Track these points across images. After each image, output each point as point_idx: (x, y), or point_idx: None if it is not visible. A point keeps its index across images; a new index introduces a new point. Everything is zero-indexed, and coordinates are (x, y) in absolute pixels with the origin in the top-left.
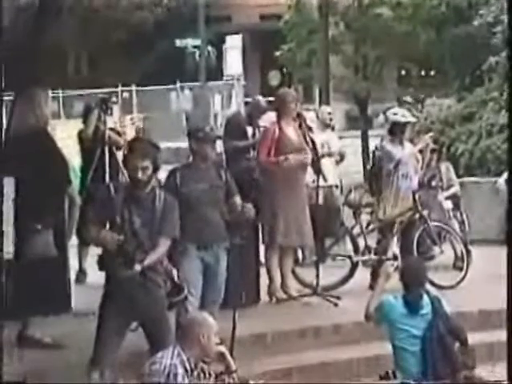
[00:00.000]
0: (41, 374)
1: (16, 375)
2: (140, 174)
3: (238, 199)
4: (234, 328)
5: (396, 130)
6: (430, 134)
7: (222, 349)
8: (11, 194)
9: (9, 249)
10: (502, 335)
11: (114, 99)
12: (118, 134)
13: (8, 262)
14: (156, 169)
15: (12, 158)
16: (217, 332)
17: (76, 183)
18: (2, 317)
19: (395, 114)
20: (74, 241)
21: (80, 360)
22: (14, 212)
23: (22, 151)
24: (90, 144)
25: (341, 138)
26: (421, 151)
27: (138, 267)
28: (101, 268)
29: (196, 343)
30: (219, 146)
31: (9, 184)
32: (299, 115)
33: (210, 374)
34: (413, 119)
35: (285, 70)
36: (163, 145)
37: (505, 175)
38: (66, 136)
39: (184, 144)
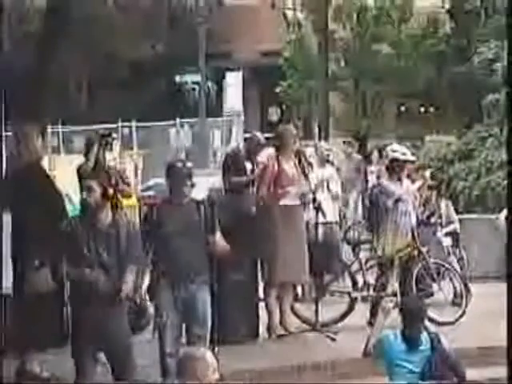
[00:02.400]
0: None
1: None
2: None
3: (214, 237)
4: None
5: (394, 167)
6: (428, 171)
7: None
8: (9, 229)
9: (7, 284)
10: (501, 371)
11: (114, 135)
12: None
13: (6, 297)
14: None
15: (7, 193)
16: (215, 367)
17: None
18: (3, 350)
19: (394, 150)
20: None
21: None
22: (12, 248)
23: (16, 187)
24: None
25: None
26: (419, 188)
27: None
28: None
29: (192, 379)
30: (219, 182)
31: (7, 219)
32: (299, 151)
33: None
34: (412, 158)
35: (284, 106)
36: (163, 180)
37: (504, 212)
38: (65, 171)
39: None
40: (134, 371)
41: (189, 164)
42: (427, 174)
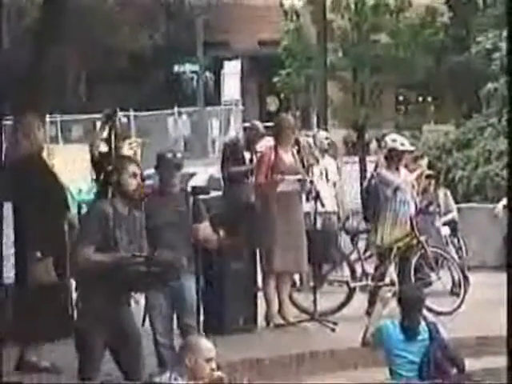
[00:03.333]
0: None
1: None
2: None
3: (202, 225)
4: None
5: (393, 157)
6: (425, 159)
7: (220, 374)
8: (11, 219)
9: (9, 273)
10: (500, 361)
11: (118, 113)
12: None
13: (9, 287)
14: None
15: (8, 184)
16: (212, 356)
17: (74, 208)
18: (3, 342)
19: (394, 140)
20: None
21: None
22: (14, 239)
23: (17, 177)
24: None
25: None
26: (416, 177)
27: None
28: None
29: (186, 367)
30: (217, 171)
31: (8, 209)
32: (297, 141)
33: None
34: (411, 148)
35: (283, 95)
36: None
37: (503, 201)
38: (64, 160)
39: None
40: (143, 371)
41: (179, 154)
42: (424, 162)
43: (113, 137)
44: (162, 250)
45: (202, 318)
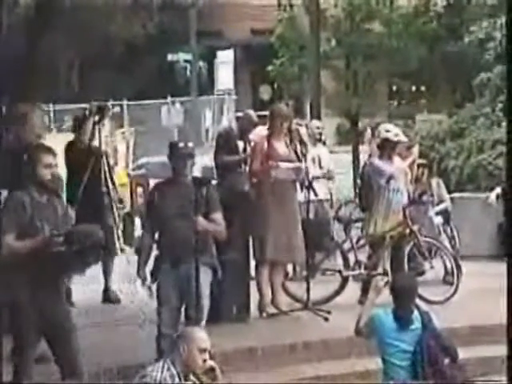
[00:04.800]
0: None
1: None
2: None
3: (217, 215)
4: None
5: (386, 147)
6: (417, 146)
7: (212, 363)
8: None
9: None
10: (493, 350)
11: (110, 107)
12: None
13: None
14: None
15: (4, 171)
16: (206, 347)
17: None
18: None
19: (387, 130)
20: None
21: None
22: None
23: (14, 165)
24: (83, 153)
25: (331, 152)
26: (409, 165)
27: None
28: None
29: (179, 356)
30: (210, 160)
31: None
32: (291, 130)
33: None
34: (405, 139)
35: (276, 84)
36: (154, 159)
37: (496, 190)
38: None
39: None
40: (78, 355)
41: (190, 144)
42: (415, 150)
43: (99, 129)
44: (80, 225)
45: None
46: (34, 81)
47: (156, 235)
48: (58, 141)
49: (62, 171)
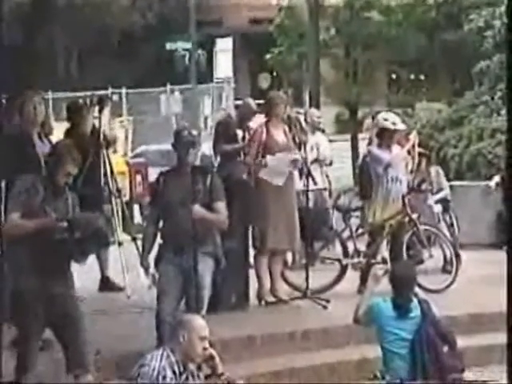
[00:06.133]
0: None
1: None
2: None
3: (219, 205)
4: None
5: (384, 135)
6: (414, 132)
7: (212, 352)
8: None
9: None
10: (492, 338)
11: (109, 97)
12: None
13: None
14: None
15: (2, 160)
16: (205, 335)
17: None
18: None
19: (386, 119)
20: None
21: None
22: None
23: (12, 154)
24: (85, 143)
25: (331, 141)
26: (409, 152)
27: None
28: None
29: (179, 344)
30: (209, 148)
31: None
32: (290, 118)
33: (198, 377)
34: (403, 127)
35: (275, 73)
36: (153, 147)
37: (496, 178)
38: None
39: None
40: (86, 346)
41: (194, 132)
42: (413, 135)
43: (98, 120)
44: (84, 213)
45: None
46: (33, 69)
47: (160, 224)
48: (56, 128)
49: None
